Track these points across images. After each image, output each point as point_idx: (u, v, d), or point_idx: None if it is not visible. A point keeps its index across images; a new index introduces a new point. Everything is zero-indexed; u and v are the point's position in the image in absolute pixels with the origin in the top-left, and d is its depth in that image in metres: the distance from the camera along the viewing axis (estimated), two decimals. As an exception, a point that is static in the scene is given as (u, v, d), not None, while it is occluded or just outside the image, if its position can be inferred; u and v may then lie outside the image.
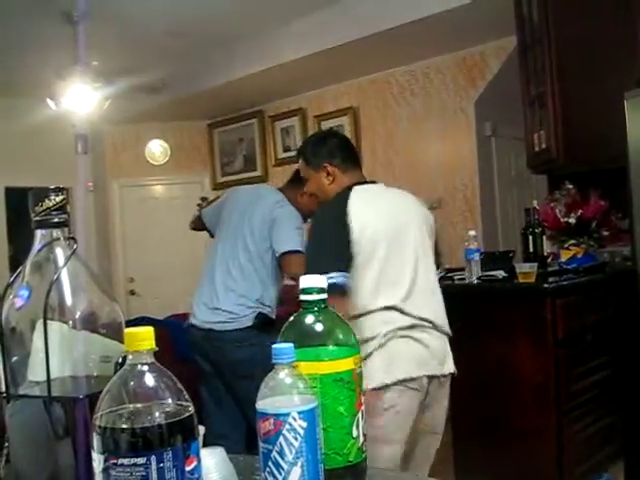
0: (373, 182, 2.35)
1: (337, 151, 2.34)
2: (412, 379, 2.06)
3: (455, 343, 2.97)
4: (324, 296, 1.00)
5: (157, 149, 7.58)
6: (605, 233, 3.43)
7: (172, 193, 7.65)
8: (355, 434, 0.98)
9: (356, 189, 2.20)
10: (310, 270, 1.96)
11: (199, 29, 5.42)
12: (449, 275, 3.16)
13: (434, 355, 2.13)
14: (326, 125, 6.49)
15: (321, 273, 1.94)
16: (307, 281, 0.99)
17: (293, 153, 6.75)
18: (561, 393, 2.74)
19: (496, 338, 2.86)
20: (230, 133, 7.44)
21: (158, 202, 7.62)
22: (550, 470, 2.78)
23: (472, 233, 3.00)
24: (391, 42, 5.18)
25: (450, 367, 2.18)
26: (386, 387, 2.03)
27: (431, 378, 2.12)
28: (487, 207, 5.62)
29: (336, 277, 1.97)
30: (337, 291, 1.94)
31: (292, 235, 2.98)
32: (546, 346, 2.73)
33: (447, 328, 2.20)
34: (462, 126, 5.64)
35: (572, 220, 3.31)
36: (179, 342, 4.37)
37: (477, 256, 2.96)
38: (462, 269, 3.15)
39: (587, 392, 2.95)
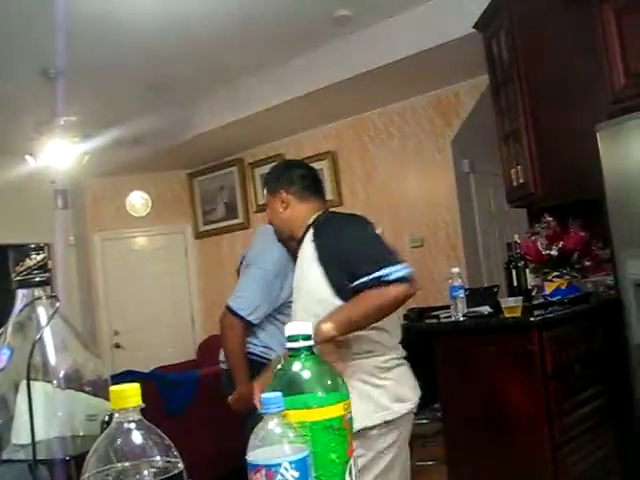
0: None
1: (297, 180, 2.32)
2: None
3: (446, 380, 2.96)
4: (310, 343, 0.99)
5: (138, 201, 7.58)
6: (587, 263, 3.45)
7: (154, 244, 7.64)
8: (348, 481, 0.96)
9: None
10: (384, 257, 2.00)
11: (176, 81, 5.48)
12: (435, 313, 3.17)
13: None
14: (305, 169, 6.53)
15: (394, 263, 1.98)
16: (292, 328, 0.98)
17: (274, 198, 6.77)
18: (554, 426, 2.72)
19: (486, 374, 2.85)
20: (210, 182, 7.47)
21: (140, 254, 7.59)
22: (548, 506, 2.75)
23: (455, 270, 3.01)
24: (366, 86, 5.27)
25: None
26: None
27: None
28: (469, 243, 5.65)
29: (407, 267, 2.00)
30: (411, 279, 1.99)
31: (240, 286, 2.93)
32: (536, 380, 2.72)
33: None
34: (440, 164, 5.71)
35: (554, 252, 3.33)
36: (167, 396, 4.32)
37: (462, 293, 2.96)
38: (447, 307, 3.15)
39: (580, 424, 2.93)
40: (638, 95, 3.18)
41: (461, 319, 2.95)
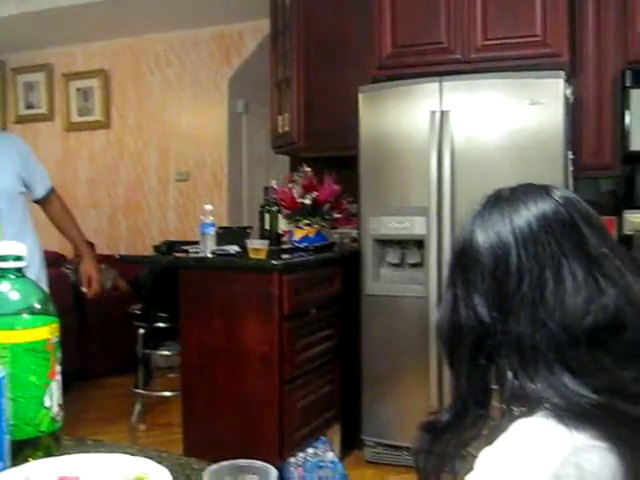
0: None
1: None
2: None
3: (188, 314, 3.02)
4: (22, 264, 0.97)
5: None
6: (337, 215, 3.65)
7: None
8: (48, 404, 0.97)
9: None
10: None
11: None
12: (185, 248, 3.19)
13: None
14: (75, 85, 6.18)
15: None
16: (3, 248, 0.96)
17: (37, 111, 6.35)
18: (284, 364, 2.90)
19: (227, 311, 2.94)
20: (-35, 81, 6.77)
21: None
22: (271, 436, 2.93)
23: (208, 207, 3.05)
24: (144, 7, 5.05)
25: None
26: None
27: None
28: (234, 183, 5.74)
29: None
30: None
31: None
32: (272, 320, 2.86)
33: None
34: (215, 101, 5.69)
35: (307, 201, 3.48)
36: None
37: (212, 230, 3.01)
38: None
39: (310, 363, 3.15)
40: (400, 65, 3.41)
41: (208, 256, 3.00)
